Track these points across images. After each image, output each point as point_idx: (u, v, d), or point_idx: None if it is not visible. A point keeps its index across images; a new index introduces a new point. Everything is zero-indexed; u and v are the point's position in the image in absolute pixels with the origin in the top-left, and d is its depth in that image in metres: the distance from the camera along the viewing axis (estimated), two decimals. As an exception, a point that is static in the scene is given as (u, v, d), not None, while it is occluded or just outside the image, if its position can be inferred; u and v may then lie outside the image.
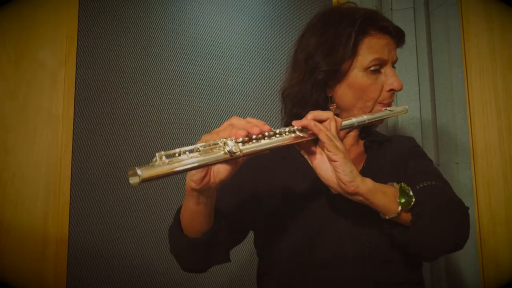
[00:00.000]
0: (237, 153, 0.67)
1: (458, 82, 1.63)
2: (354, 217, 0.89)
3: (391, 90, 0.96)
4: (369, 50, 0.94)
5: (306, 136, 0.76)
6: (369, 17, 0.95)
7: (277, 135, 0.74)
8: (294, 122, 0.77)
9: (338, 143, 0.77)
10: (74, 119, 1.32)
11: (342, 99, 0.98)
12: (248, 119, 0.74)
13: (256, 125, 0.72)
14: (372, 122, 0.95)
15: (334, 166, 0.76)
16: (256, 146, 0.70)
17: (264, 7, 1.75)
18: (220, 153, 0.66)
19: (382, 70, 0.96)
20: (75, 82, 1.33)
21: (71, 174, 1.29)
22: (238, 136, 0.70)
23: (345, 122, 0.88)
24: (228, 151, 0.67)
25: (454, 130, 1.63)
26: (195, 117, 1.54)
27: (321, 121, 0.79)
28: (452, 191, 0.91)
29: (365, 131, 1.06)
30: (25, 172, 1.23)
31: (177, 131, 1.50)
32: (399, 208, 0.78)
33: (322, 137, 0.76)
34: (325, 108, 0.98)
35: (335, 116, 0.82)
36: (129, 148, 1.41)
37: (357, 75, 0.95)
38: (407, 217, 0.79)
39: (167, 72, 1.51)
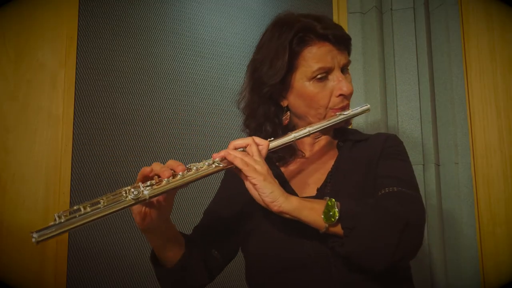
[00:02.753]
0: (141, 197, 0.72)
1: (458, 82, 1.63)
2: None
3: (340, 95, 0.95)
4: (312, 60, 0.94)
5: (225, 165, 0.81)
6: (306, 27, 0.94)
7: (193, 171, 0.79)
8: (214, 155, 0.82)
9: (258, 166, 0.80)
10: (74, 119, 1.32)
11: (295, 108, 1.00)
12: (169, 162, 0.79)
13: (168, 167, 0.77)
14: (321, 129, 0.94)
15: (256, 189, 0.79)
16: (164, 187, 0.75)
17: (264, 7, 1.75)
18: (123, 201, 0.71)
19: (330, 77, 0.95)
20: (75, 82, 1.34)
21: (71, 174, 1.30)
22: (144, 181, 0.76)
23: (283, 139, 0.89)
24: (132, 198, 0.72)
25: (454, 130, 1.63)
26: (195, 117, 1.54)
27: (244, 148, 0.83)
28: (414, 197, 0.87)
29: (338, 131, 1.05)
30: (25, 172, 1.23)
31: (177, 131, 1.50)
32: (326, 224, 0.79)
33: (238, 164, 0.79)
34: (276, 118, 1.01)
35: (257, 140, 0.84)
36: (129, 148, 1.41)
37: (304, 85, 0.95)
38: (340, 230, 0.79)
39: (167, 72, 1.51)
